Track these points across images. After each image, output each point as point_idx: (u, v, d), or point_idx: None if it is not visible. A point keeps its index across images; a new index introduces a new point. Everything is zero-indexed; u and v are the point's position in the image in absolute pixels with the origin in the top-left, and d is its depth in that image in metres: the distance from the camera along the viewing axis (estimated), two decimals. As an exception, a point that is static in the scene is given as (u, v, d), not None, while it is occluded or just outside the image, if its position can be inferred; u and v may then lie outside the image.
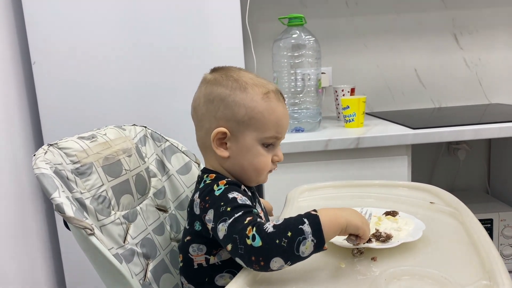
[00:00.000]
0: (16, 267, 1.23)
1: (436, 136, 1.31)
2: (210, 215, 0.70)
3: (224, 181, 0.74)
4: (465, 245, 0.71)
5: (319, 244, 0.62)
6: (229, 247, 0.65)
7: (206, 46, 1.32)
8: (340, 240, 0.74)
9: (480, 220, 0.79)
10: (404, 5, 1.80)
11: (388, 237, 0.73)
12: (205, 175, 0.78)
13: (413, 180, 1.30)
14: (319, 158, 1.32)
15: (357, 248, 0.71)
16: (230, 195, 0.71)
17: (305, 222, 0.62)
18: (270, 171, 0.80)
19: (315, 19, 1.76)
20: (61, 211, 0.68)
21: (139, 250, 0.84)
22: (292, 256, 0.61)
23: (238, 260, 0.65)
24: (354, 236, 0.67)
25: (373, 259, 0.69)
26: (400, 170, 1.32)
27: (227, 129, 0.76)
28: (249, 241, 0.62)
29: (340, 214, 0.65)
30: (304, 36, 1.42)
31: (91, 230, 0.68)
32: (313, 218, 0.63)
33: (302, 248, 0.61)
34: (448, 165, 1.88)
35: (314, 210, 0.65)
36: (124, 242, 0.82)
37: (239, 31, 1.33)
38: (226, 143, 0.77)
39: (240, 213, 0.67)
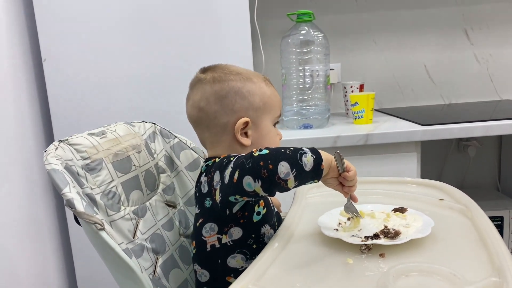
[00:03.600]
0: (27, 262, 1.25)
1: (446, 133, 1.30)
2: (216, 177, 0.75)
3: (225, 154, 0.79)
4: (474, 242, 0.71)
5: (318, 160, 0.68)
6: (236, 175, 0.68)
7: (215, 42, 1.32)
8: (348, 237, 0.74)
9: (491, 218, 0.78)
10: (414, 0, 1.79)
11: (396, 234, 0.73)
12: (208, 161, 0.82)
13: (423, 177, 1.29)
14: (328, 154, 1.31)
15: (365, 244, 0.71)
16: (232, 154, 0.77)
17: (302, 147, 0.69)
18: None
19: (323, 15, 1.75)
20: (72, 206, 0.69)
21: (148, 245, 0.85)
22: (297, 164, 0.66)
23: (245, 180, 0.66)
24: (342, 179, 0.74)
25: (381, 255, 0.69)
26: (409, 167, 1.32)
27: (248, 118, 0.81)
28: (256, 153, 0.67)
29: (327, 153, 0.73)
30: (312, 32, 1.42)
31: (101, 225, 0.69)
32: (307, 146, 0.70)
33: (304, 159, 0.66)
34: (458, 162, 1.87)
35: None
36: (133, 237, 0.82)
37: (248, 27, 1.33)
38: (246, 132, 0.82)
39: (242, 154, 0.72)
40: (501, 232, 1.53)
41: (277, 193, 0.70)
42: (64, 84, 1.31)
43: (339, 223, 0.81)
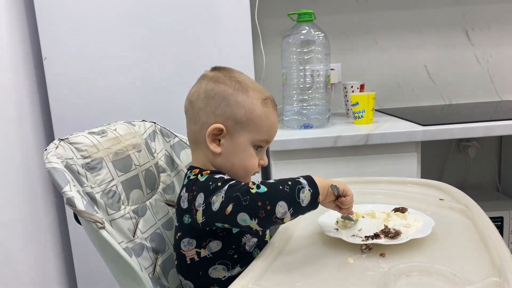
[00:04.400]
0: (27, 260, 1.25)
1: (446, 133, 1.30)
2: (200, 199, 0.73)
3: (208, 171, 0.78)
4: (474, 242, 0.71)
5: (315, 194, 0.68)
6: (229, 208, 0.67)
7: (215, 42, 1.32)
8: (348, 237, 0.74)
9: (491, 218, 0.78)
10: (414, 0, 1.79)
11: (397, 234, 0.73)
12: (189, 171, 0.81)
13: (423, 177, 1.29)
14: (328, 154, 1.31)
15: (366, 244, 0.71)
16: (217, 176, 0.75)
17: (299, 177, 0.69)
18: (254, 173, 0.83)
19: (324, 15, 1.75)
20: (72, 205, 0.69)
21: (148, 244, 0.85)
22: (294, 202, 0.66)
23: (241, 216, 0.66)
24: (339, 202, 0.74)
25: (382, 255, 0.69)
26: (409, 167, 1.32)
27: (224, 126, 0.78)
28: (254, 190, 0.67)
29: (324, 178, 0.73)
30: (313, 32, 1.42)
31: (101, 224, 0.69)
32: (305, 175, 0.70)
33: (301, 195, 0.67)
34: (458, 162, 1.87)
35: None
36: (133, 236, 0.82)
37: (248, 27, 1.33)
38: (219, 140, 0.79)
39: (233, 181, 0.71)
40: (501, 233, 1.53)
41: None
42: (65, 83, 1.31)
43: (337, 222, 0.81)
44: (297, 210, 0.67)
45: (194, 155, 0.84)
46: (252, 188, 0.67)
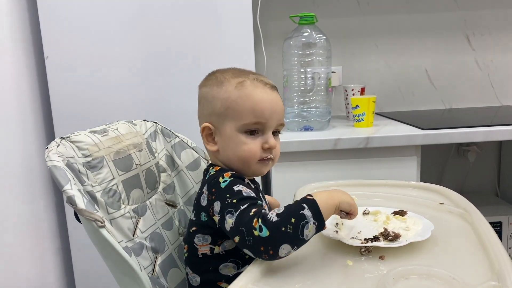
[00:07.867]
0: (25, 258, 1.25)
1: (446, 137, 1.30)
2: (216, 207, 0.73)
3: (229, 173, 0.77)
4: (474, 246, 0.71)
5: (320, 226, 0.67)
6: (237, 239, 0.68)
7: (217, 44, 1.32)
8: (348, 239, 0.75)
9: (490, 223, 0.79)
10: (416, 5, 1.79)
11: (396, 236, 0.73)
12: (211, 167, 0.82)
13: (422, 181, 1.29)
14: (328, 157, 1.32)
15: (365, 247, 0.71)
16: (236, 188, 0.73)
17: (304, 207, 0.66)
18: (266, 160, 0.79)
19: (326, 18, 1.76)
20: (73, 203, 0.69)
21: (148, 244, 0.85)
22: (298, 241, 0.66)
23: (246, 251, 0.68)
24: (344, 213, 0.72)
25: (381, 257, 0.69)
26: (409, 171, 1.32)
27: (210, 124, 0.80)
28: (256, 232, 0.65)
29: (332, 195, 0.71)
30: (315, 35, 1.42)
31: (101, 223, 0.69)
32: (311, 203, 0.67)
33: (306, 232, 0.65)
34: (458, 167, 1.87)
35: (309, 195, 0.69)
36: (133, 236, 0.82)
37: (250, 29, 1.33)
38: (214, 138, 0.81)
39: (245, 206, 0.69)
40: (499, 238, 1.53)
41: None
42: (66, 82, 1.32)
43: (336, 223, 0.81)
44: (301, 244, 0.67)
45: (210, 157, 0.88)
46: (255, 229, 0.65)
